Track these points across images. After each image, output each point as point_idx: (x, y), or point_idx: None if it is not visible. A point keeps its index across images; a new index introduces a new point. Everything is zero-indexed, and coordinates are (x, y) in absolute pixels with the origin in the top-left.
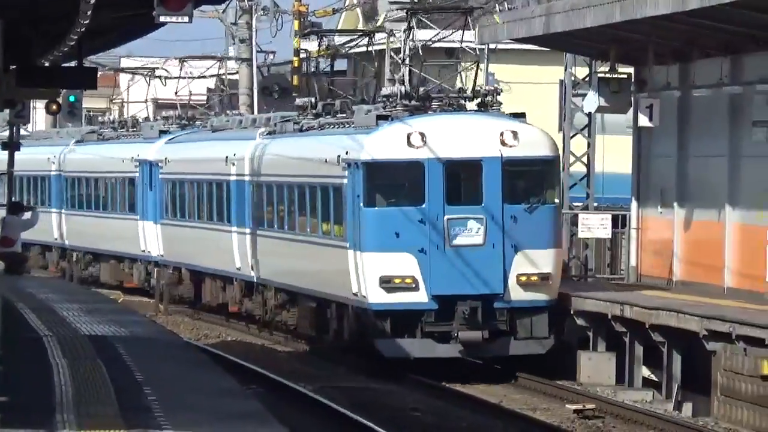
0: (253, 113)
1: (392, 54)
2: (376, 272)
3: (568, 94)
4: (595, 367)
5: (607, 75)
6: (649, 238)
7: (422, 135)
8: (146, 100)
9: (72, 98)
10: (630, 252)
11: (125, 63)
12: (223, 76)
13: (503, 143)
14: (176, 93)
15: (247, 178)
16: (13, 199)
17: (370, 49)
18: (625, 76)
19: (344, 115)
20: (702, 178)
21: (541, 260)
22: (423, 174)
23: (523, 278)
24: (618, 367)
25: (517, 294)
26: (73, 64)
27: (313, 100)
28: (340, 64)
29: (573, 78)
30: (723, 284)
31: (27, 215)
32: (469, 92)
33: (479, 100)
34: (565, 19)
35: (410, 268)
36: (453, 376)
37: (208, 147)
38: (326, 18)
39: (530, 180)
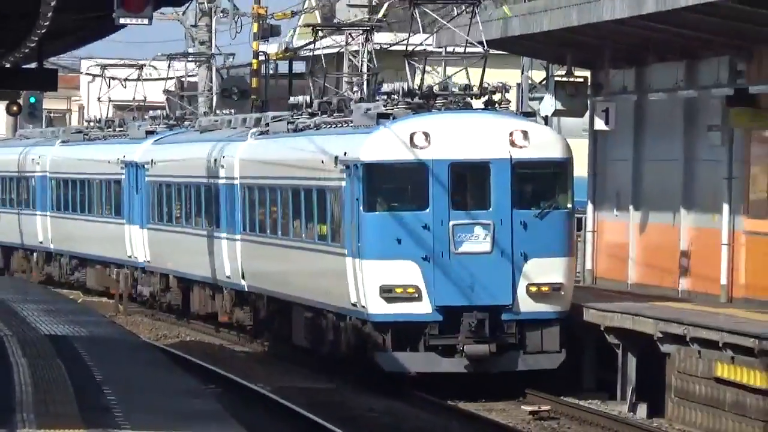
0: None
1: (351, 56)
2: (376, 281)
3: (524, 98)
4: None
5: (564, 79)
6: (605, 241)
7: (426, 135)
8: (99, 98)
9: (32, 99)
10: (586, 255)
11: (85, 65)
12: (182, 78)
13: (513, 144)
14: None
15: (237, 181)
16: None
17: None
18: (582, 80)
19: (342, 114)
20: (657, 181)
21: (553, 269)
22: (427, 176)
23: (534, 288)
24: (574, 369)
25: (527, 305)
26: (33, 65)
27: (308, 98)
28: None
29: (530, 81)
30: (678, 287)
31: None
32: (475, 89)
33: (486, 98)
34: (523, 23)
35: (413, 277)
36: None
37: (197, 148)
38: (285, 20)
39: (541, 183)
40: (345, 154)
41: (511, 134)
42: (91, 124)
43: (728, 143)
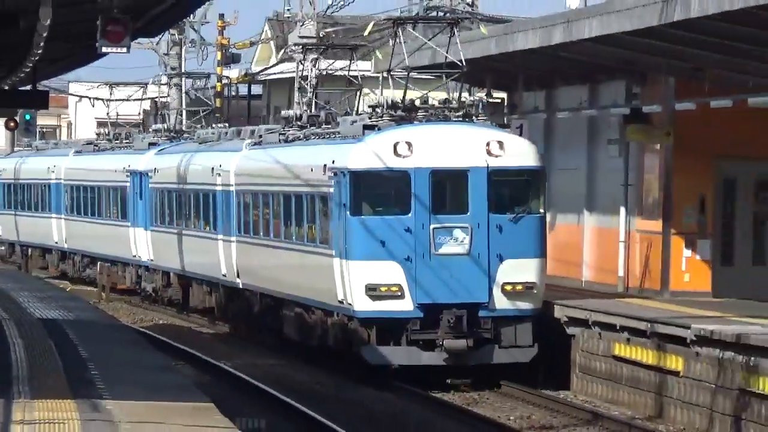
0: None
1: (300, 80)
2: (362, 280)
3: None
4: None
5: (484, 99)
6: None
7: (409, 144)
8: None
9: (27, 117)
10: None
11: (73, 87)
12: (156, 99)
13: (489, 153)
14: (117, 113)
15: (232, 188)
16: None
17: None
18: (499, 100)
19: (329, 126)
20: (564, 187)
21: (526, 269)
22: (409, 183)
23: (508, 287)
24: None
25: (502, 303)
26: (28, 87)
27: (298, 112)
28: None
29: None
30: (582, 278)
31: None
32: (454, 104)
33: (464, 111)
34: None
35: (396, 277)
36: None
37: (196, 158)
38: (245, 50)
39: (516, 190)
40: (333, 162)
41: (488, 144)
42: (101, 136)
43: (625, 155)
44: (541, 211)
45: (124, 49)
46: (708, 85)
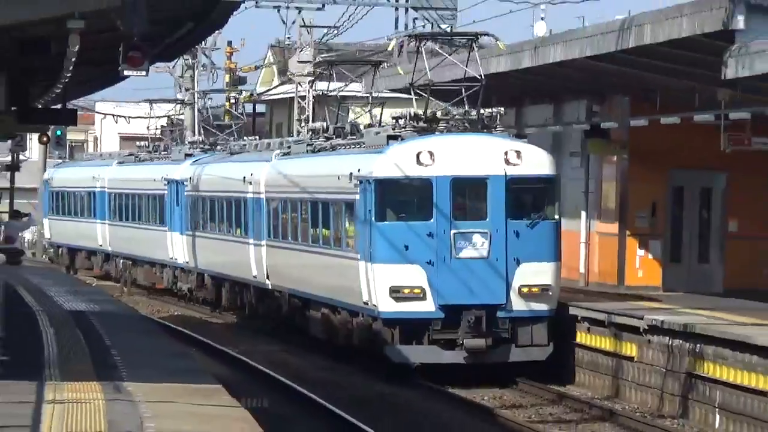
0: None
1: (299, 99)
2: (386, 282)
3: None
4: None
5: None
6: None
7: (431, 154)
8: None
9: (58, 132)
10: None
11: (99, 106)
12: (173, 116)
13: (507, 162)
14: (147, 128)
15: (263, 195)
16: (15, 208)
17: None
18: (475, 117)
19: (353, 137)
20: None
21: (542, 272)
22: (431, 190)
23: (525, 289)
24: None
25: (519, 304)
26: (59, 106)
27: (325, 124)
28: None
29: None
30: None
31: (24, 220)
32: (473, 115)
33: (481, 122)
34: (433, 75)
35: (419, 279)
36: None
37: (228, 168)
38: (250, 73)
39: (532, 197)
40: (359, 170)
41: (506, 153)
42: (141, 148)
43: (585, 166)
44: (556, 217)
45: (144, 72)
46: (659, 104)
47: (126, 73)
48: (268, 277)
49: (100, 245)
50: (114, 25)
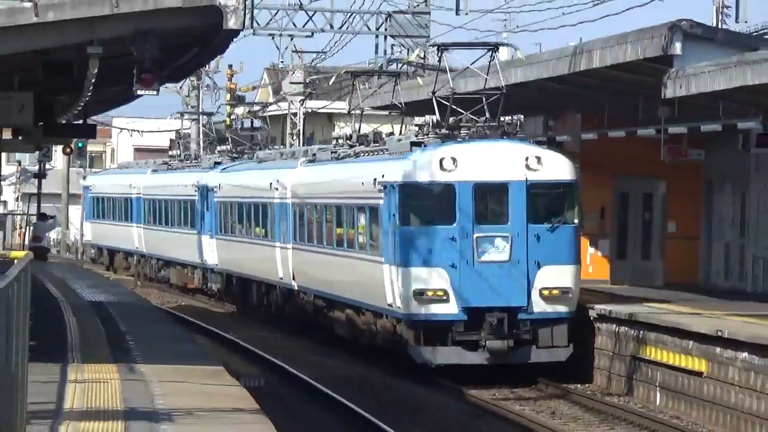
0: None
1: (291, 116)
2: (410, 285)
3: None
4: None
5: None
6: None
7: (454, 159)
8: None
9: (80, 144)
10: None
11: (116, 121)
12: (179, 130)
13: (528, 167)
14: (173, 137)
15: (289, 200)
16: (42, 211)
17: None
18: (496, 125)
19: (376, 144)
20: None
21: (562, 275)
22: (454, 195)
23: (546, 292)
24: None
25: (540, 306)
26: (80, 121)
27: (348, 132)
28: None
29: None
30: None
31: (50, 221)
32: (493, 122)
33: (501, 129)
34: (405, 94)
35: (442, 282)
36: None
37: (255, 174)
38: (248, 92)
39: (552, 202)
40: (383, 176)
41: (526, 159)
42: (174, 157)
43: None
44: (576, 221)
45: (154, 92)
46: (606, 120)
47: (139, 92)
48: (293, 279)
49: (137, 247)
50: (128, 51)
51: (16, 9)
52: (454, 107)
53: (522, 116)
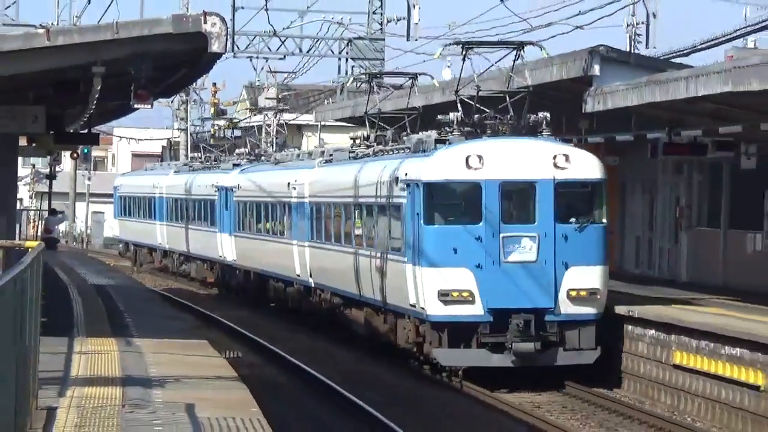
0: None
1: (266, 127)
2: (435, 286)
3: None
4: None
5: (548, 117)
6: None
7: (480, 157)
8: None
9: (86, 150)
10: None
11: (116, 130)
12: (170, 139)
13: (556, 166)
14: (162, 147)
15: (306, 200)
16: (52, 207)
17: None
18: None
19: (395, 143)
20: None
21: (590, 276)
22: (480, 194)
23: (573, 293)
24: None
25: (567, 308)
26: (85, 130)
27: (365, 132)
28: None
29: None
30: None
31: (59, 216)
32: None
33: (528, 126)
34: (360, 108)
35: (467, 283)
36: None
37: (273, 175)
38: (230, 107)
39: (580, 201)
40: (406, 174)
41: (554, 157)
42: (195, 158)
43: None
44: (604, 220)
45: (149, 106)
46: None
47: (135, 106)
48: (310, 276)
49: (159, 243)
50: (127, 70)
51: (31, 34)
52: (479, 106)
53: (548, 114)
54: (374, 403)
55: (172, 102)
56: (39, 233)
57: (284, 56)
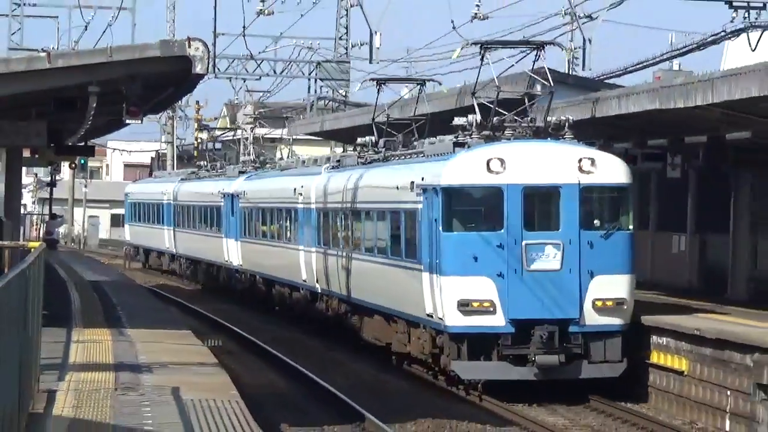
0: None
1: (244, 140)
2: (454, 296)
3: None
4: None
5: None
6: None
7: (501, 161)
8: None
9: (83, 161)
10: None
11: (110, 143)
12: (158, 151)
13: (581, 170)
14: (152, 158)
15: (313, 206)
16: (53, 212)
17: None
18: (542, 125)
19: (405, 148)
20: None
21: (617, 285)
22: (502, 199)
23: (599, 303)
24: None
25: (593, 318)
26: (82, 143)
27: (374, 138)
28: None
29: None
30: None
31: (59, 219)
32: (539, 123)
33: (551, 129)
34: (333, 122)
35: (488, 292)
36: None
37: (280, 181)
38: (211, 122)
39: (607, 206)
40: (422, 179)
41: (579, 161)
42: (201, 166)
43: None
44: (631, 227)
45: (139, 121)
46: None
47: (127, 121)
48: (317, 282)
49: (168, 247)
50: (119, 89)
51: (33, 57)
52: (498, 109)
53: (571, 117)
54: (348, 392)
55: (160, 118)
56: (41, 235)
57: (260, 77)
